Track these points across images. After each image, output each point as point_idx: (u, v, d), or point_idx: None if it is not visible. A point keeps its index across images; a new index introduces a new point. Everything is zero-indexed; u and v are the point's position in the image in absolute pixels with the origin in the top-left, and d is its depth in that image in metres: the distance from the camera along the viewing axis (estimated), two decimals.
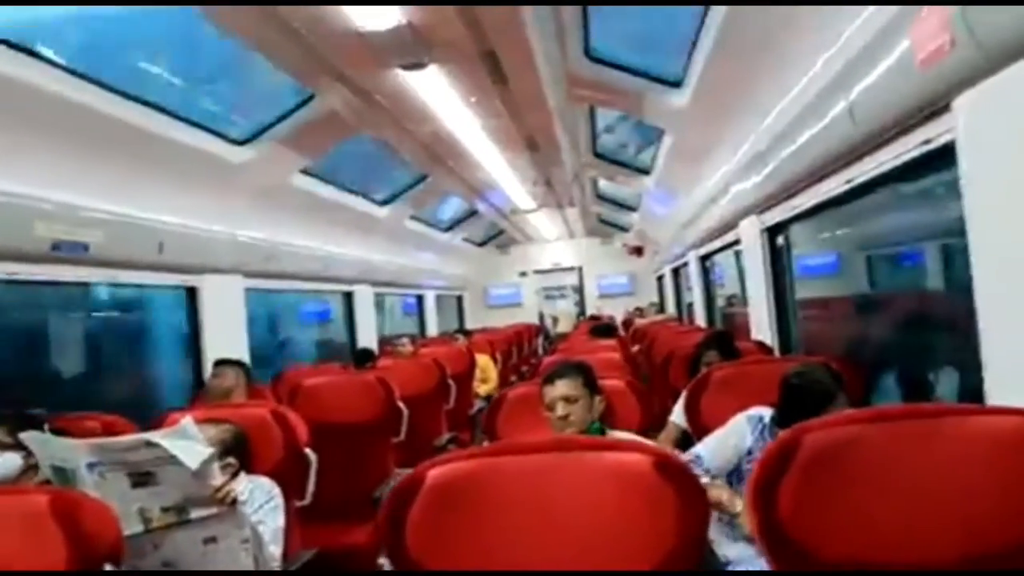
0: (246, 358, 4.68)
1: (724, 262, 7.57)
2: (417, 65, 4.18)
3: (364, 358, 5.84)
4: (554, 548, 1.33)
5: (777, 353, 4.38)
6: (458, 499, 1.34)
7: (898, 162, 2.51)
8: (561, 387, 2.40)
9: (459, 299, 14.23)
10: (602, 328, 7.16)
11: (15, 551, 1.55)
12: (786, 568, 1.35)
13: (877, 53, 2.26)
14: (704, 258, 7.81)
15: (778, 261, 4.58)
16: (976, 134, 1.94)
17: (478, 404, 6.03)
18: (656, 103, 5.12)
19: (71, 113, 3.50)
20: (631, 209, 11.35)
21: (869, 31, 2.34)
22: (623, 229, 13.66)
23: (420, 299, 11.32)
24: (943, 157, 2.19)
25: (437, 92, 4.77)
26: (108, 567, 1.66)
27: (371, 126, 5.40)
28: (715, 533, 2.51)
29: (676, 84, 4.82)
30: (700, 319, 8.14)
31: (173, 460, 1.95)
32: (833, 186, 3.20)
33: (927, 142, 2.26)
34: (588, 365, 2.55)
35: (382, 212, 8.11)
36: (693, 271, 8.21)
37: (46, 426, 2.51)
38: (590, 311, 13.93)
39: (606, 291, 14.62)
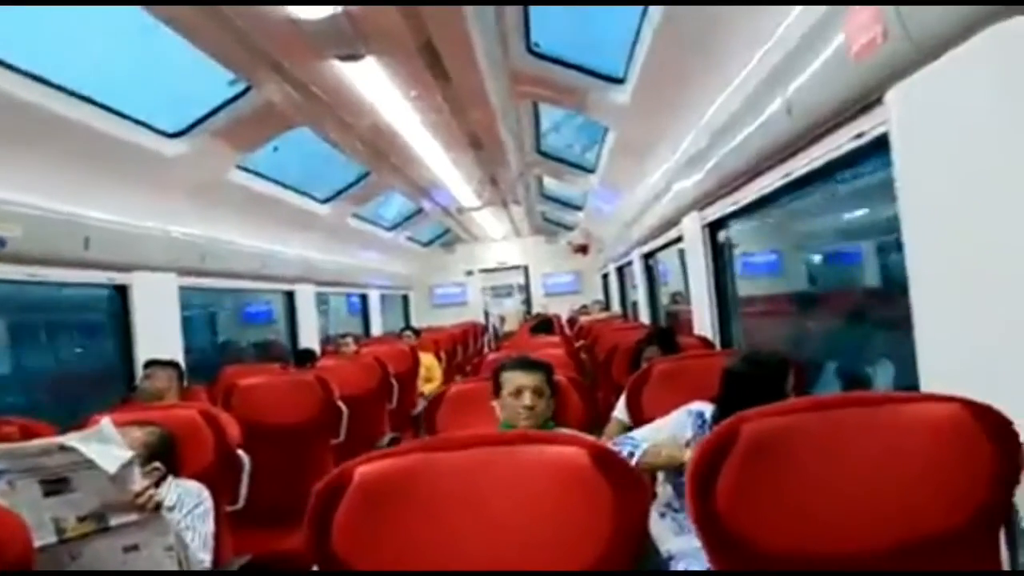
0: (180, 359, 4.53)
1: (668, 260, 7.64)
2: (354, 56, 4.08)
3: (305, 358, 5.73)
4: (489, 545, 1.29)
5: (719, 348, 4.41)
6: (388, 497, 1.29)
7: (835, 155, 2.53)
8: (534, 378, 2.39)
9: (405, 298, 14.10)
10: (542, 324, 7.15)
11: None
12: (724, 558, 1.34)
13: (812, 47, 2.28)
14: (648, 256, 7.87)
15: (719, 257, 4.62)
16: (908, 126, 1.97)
17: (422, 404, 5.96)
18: (599, 99, 5.13)
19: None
20: (576, 208, 11.39)
21: (805, 24, 2.35)
22: (568, 228, 13.71)
23: (364, 298, 11.17)
24: (878, 151, 2.22)
25: (375, 85, 4.66)
26: None
27: (310, 119, 5.27)
28: (657, 528, 2.49)
29: (618, 81, 4.83)
30: (645, 317, 8.20)
31: (90, 465, 1.85)
32: (772, 180, 3.23)
33: (861, 135, 2.28)
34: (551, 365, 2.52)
35: (324, 210, 7.96)
36: (637, 269, 8.27)
37: None
38: (536, 310, 13.94)
39: (552, 290, 14.66)
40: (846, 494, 1.34)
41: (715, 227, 4.57)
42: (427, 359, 6.81)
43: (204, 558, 2.25)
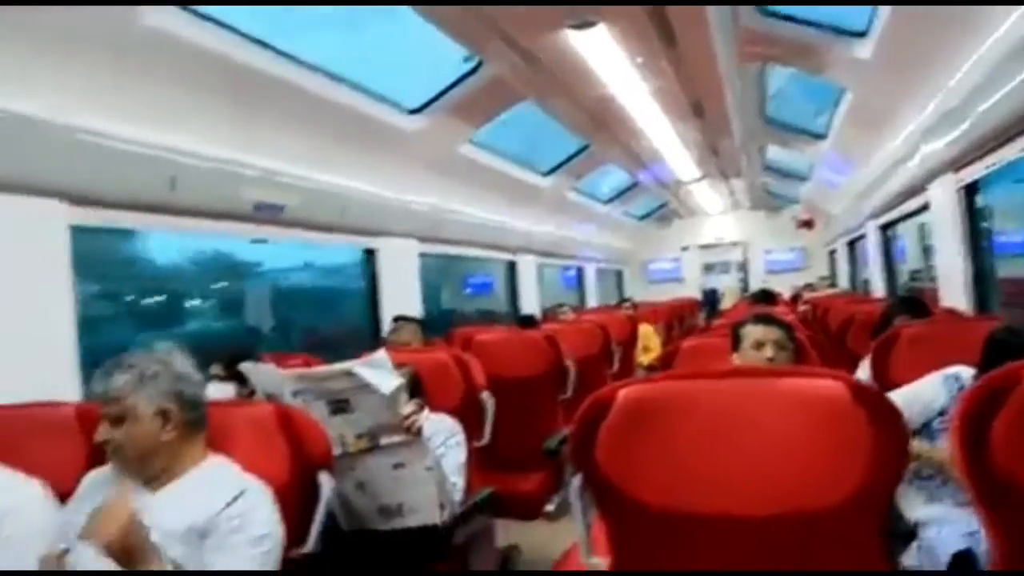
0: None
1: (905, 236, 7.10)
2: (586, 24, 4.19)
3: (527, 323, 5.98)
4: (744, 472, 1.33)
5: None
6: (648, 418, 1.38)
7: None
8: (776, 332, 2.40)
9: (618, 274, 14.17)
10: (763, 295, 6.92)
11: (247, 454, 1.75)
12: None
13: None
14: (885, 228, 7.34)
15: (976, 222, 4.24)
16: None
17: (640, 374, 6.02)
18: (836, 57, 4.86)
19: (267, 86, 3.81)
20: (801, 179, 10.83)
21: None
22: (792, 201, 13.05)
23: (580, 272, 11.39)
24: None
25: (603, 53, 4.75)
26: (323, 475, 1.84)
27: (537, 91, 5.47)
28: (905, 495, 2.39)
29: (859, 34, 4.55)
30: (879, 294, 7.68)
31: (367, 388, 2.12)
32: None
33: None
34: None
35: (544, 182, 8.22)
36: (871, 243, 7.74)
37: (253, 363, 2.78)
38: (755, 287, 13.45)
39: (773, 266, 14.04)
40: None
41: (971, 190, 4.19)
42: (645, 329, 6.86)
43: (457, 481, 2.49)
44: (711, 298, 13.42)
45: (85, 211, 2.90)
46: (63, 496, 1.90)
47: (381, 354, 2.19)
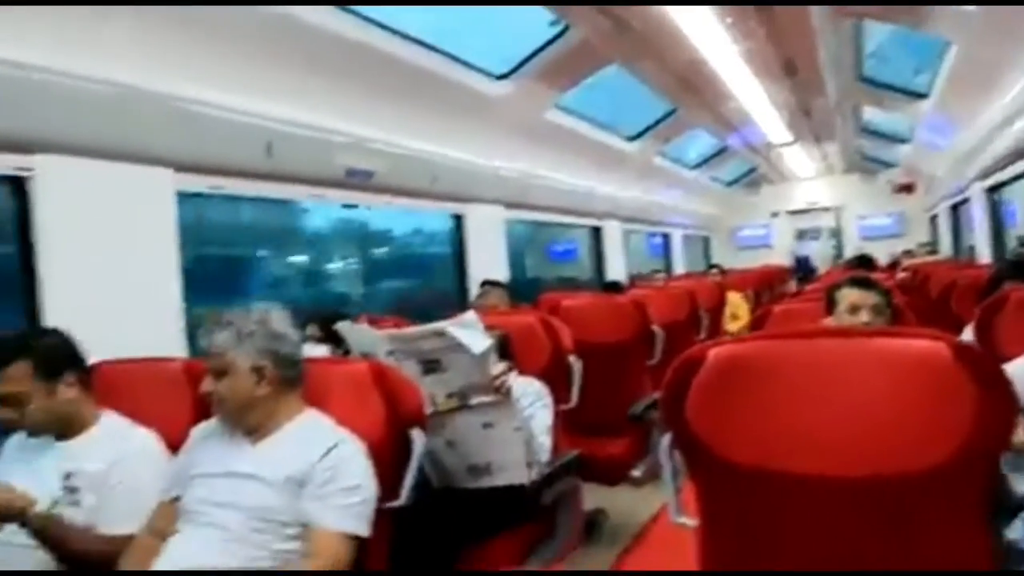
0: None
1: (1015, 200, 6.67)
2: None
3: (612, 290, 5.95)
4: (840, 432, 1.30)
5: None
6: (740, 378, 1.35)
7: None
8: (873, 296, 2.34)
9: (705, 240, 13.89)
10: (861, 260, 6.65)
11: (343, 410, 1.81)
12: None
13: None
14: (992, 190, 6.93)
15: None
16: None
17: None
18: (940, 10, 4.58)
19: (357, 54, 3.87)
20: (900, 141, 10.31)
21: None
22: (889, 165, 12.44)
23: (666, 239, 11.22)
24: None
25: (693, 15, 4.62)
26: (415, 431, 1.89)
27: (624, 55, 5.38)
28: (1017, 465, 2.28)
29: None
30: (985, 259, 7.28)
31: (458, 348, 2.16)
32: None
33: None
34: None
35: (630, 148, 8.10)
36: (977, 207, 7.33)
37: (350, 323, 2.85)
38: (848, 254, 12.94)
39: (868, 232, 13.44)
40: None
41: None
42: (734, 297, 6.73)
43: (544, 442, 2.51)
44: (805, 265, 12.97)
45: (189, 177, 3.03)
46: (172, 446, 2.01)
47: (471, 315, 2.22)
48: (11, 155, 2.47)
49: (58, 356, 1.99)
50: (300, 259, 5.96)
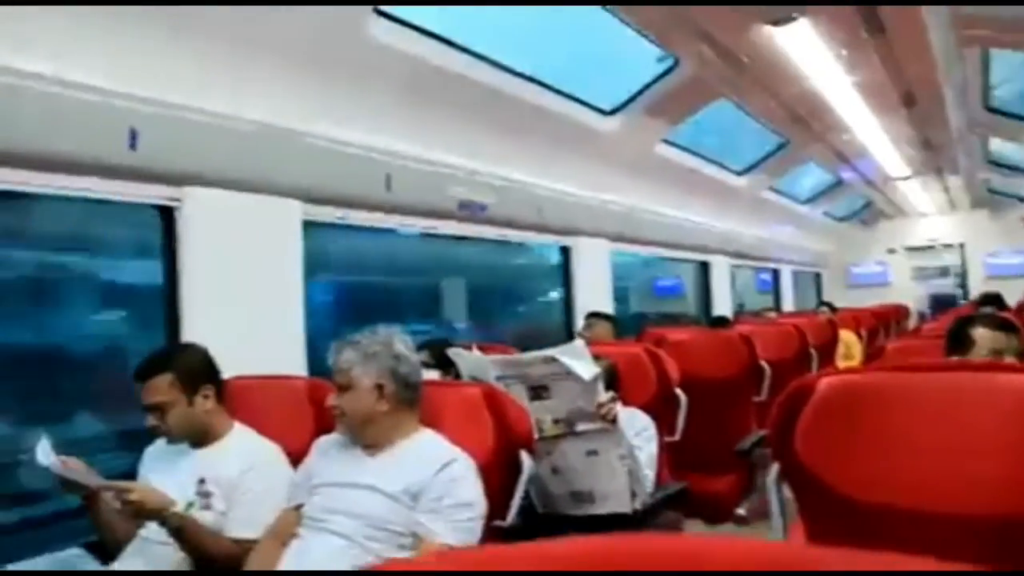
0: None
1: None
2: (787, 19, 4.06)
3: (719, 325, 5.87)
4: (956, 469, 1.27)
5: None
6: (851, 409, 1.34)
7: None
8: (1016, 341, 2.11)
9: (817, 276, 13.43)
10: (989, 298, 6.29)
11: (455, 430, 1.90)
12: None
13: None
14: None
15: None
16: None
17: None
18: None
19: (471, 90, 4.02)
20: None
21: None
22: (1021, 199, 11.73)
23: (776, 274, 10.94)
24: None
25: (805, 48, 4.57)
26: (524, 454, 1.95)
27: (733, 89, 5.36)
28: None
29: None
30: None
31: (567, 376, 2.21)
32: None
33: None
34: None
35: (739, 182, 8.00)
36: None
37: (461, 349, 2.96)
38: (974, 294, 12.18)
39: (996, 271, 12.60)
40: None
41: None
42: (847, 336, 6.49)
43: (648, 473, 2.53)
44: (945, 302, 12.15)
45: (315, 208, 3.23)
46: (293, 458, 2.15)
47: (579, 343, 2.27)
48: (163, 187, 2.71)
49: (197, 370, 2.17)
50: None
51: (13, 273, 3.40)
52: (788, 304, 10.92)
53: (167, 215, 2.80)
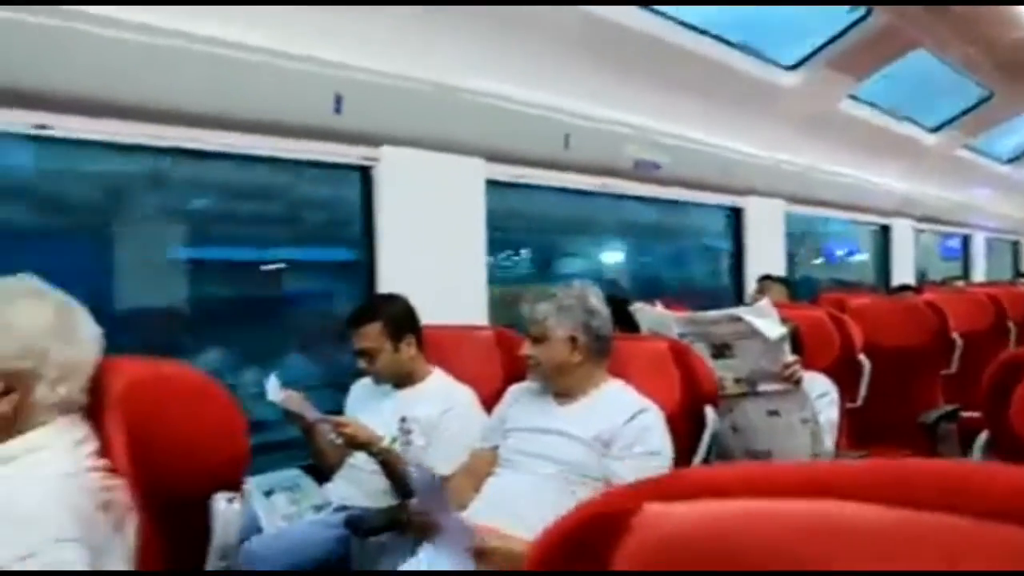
0: None
1: None
2: None
3: (902, 293, 5.54)
4: None
5: None
6: None
7: None
8: None
9: (1014, 245, 12.24)
10: None
11: (643, 382, 1.97)
12: None
13: None
14: None
15: None
16: None
17: None
18: None
19: (646, 46, 3.97)
20: None
21: None
22: None
23: (966, 241, 10.10)
24: None
25: None
26: (708, 409, 1.99)
27: (934, 38, 4.97)
28: None
29: None
30: None
31: (752, 335, 2.21)
32: None
33: None
34: None
35: (930, 140, 7.42)
36: None
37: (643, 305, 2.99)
38: None
39: None
40: None
41: None
42: None
43: (828, 441, 2.48)
44: None
45: (496, 167, 3.35)
46: (483, 403, 2.31)
47: (766, 302, 2.26)
48: (363, 148, 2.92)
49: (402, 319, 2.37)
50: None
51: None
52: (979, 274, 10.07)
53: (365, 175, 3.01)
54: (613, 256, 6.65)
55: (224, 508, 1.27)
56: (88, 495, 1.13)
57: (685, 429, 1.96)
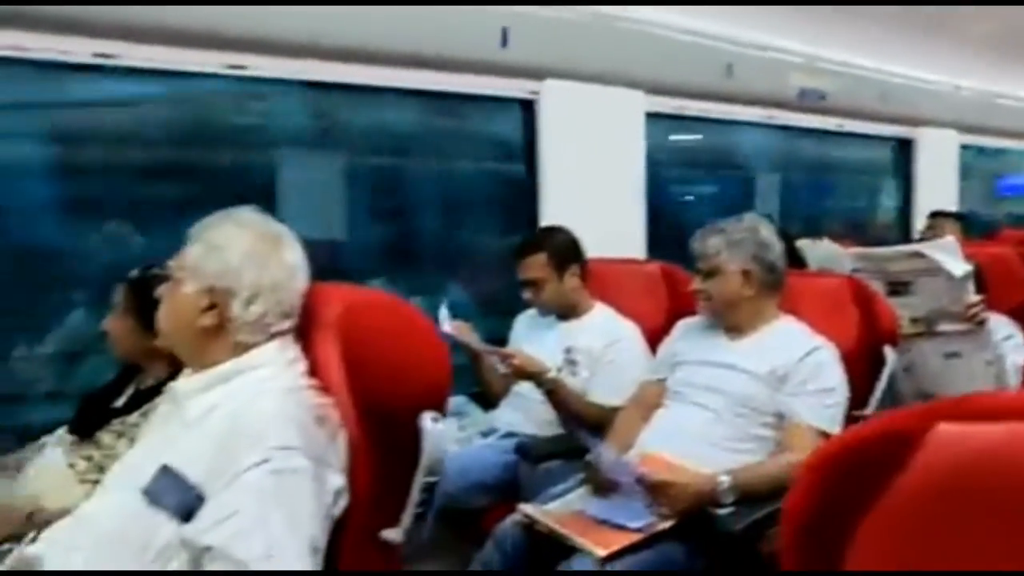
0: None
1: None
2: None
3: None
4: None
5: None
6: None
7: None
8: None
9: None
10: None
11: (817, 319, 1.94)
12: None
13: None
14: None
15: None
16: None
17: None
18: None
19: None
20: None
21: None
22: None
23: None
24: None
25: None
26: (887, 348, 1.94)
27: None
28: None
29: None
30: None
31: (934, 271, 2.12)
32: None
33: None
34: None
35: None
36: None
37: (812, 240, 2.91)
38: None
39: None
40: None
41: None
42: None
43: (1013, 384, 2.36)
44: None
45: (656, 99, 3.30)
46: (647, 337, 2.33)
47: (950, 239, 2.16)
48: (526, 81, 2.96)
49: (567, 250, 2.41)
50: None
51: None
52: None
53: (528, 109, 3.05)
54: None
55: (431, 427, 1.38)
56: (306, 409, 1.23)
57: (861, 369, 1.92)
